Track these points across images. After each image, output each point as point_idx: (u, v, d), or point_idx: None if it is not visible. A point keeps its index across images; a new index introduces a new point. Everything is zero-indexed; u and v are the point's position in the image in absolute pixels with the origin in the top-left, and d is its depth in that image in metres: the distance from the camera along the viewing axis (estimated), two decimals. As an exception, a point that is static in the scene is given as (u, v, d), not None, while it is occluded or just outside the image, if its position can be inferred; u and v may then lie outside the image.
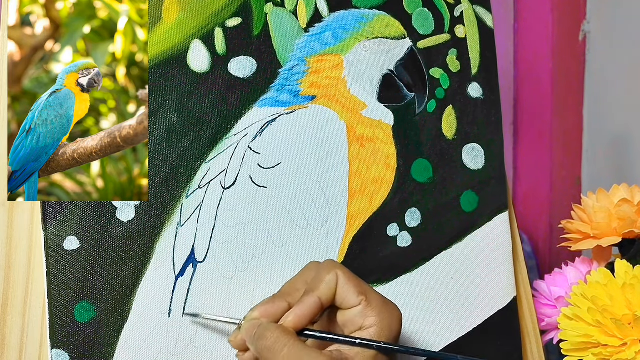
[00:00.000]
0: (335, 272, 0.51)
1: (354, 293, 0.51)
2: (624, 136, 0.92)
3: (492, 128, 0.65)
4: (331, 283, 0.51)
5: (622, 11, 0.91)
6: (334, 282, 0.51)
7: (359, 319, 0.51)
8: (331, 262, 0.53)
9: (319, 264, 0.53)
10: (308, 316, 0.50)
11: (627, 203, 0.64)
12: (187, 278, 0.55)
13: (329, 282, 0.51)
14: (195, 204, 0.56)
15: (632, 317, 0.56)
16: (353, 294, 0.51)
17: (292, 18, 0.60)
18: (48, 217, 0.52)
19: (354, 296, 0.51)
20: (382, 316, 0.51)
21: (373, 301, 0.51)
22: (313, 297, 0.51)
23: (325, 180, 0.59)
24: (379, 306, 0.51)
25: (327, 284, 0.51)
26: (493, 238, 0.65)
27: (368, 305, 0.51)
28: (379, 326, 0.50)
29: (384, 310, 0.51)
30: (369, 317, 0.50)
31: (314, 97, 0.60)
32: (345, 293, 0.51)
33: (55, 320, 0.52)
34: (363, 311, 0.51)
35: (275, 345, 0.49)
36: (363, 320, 0.51)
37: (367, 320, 0.50)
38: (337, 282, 0.51)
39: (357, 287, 0.51)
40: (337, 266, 0.52)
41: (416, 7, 0.63)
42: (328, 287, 0.51)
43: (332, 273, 0.51)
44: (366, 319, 0.51)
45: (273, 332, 0.49)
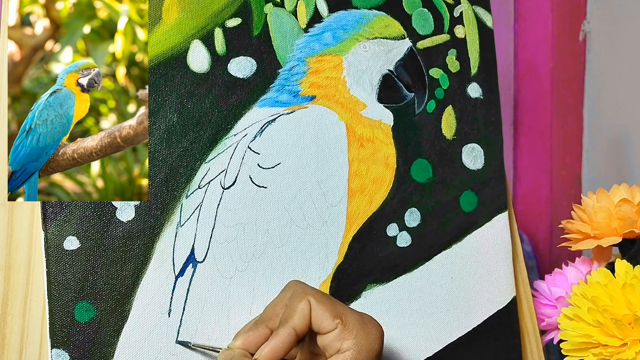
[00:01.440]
0: (307, 300, 0.51)
1: (329, 317, 0.50)
2: (624, 136, 0.92)
3: (492, 128, 0.65)
4: (304, 311, 0.50)
5: (622, 11, 0.91)
6: (307, 310, 0.50)
7: (336, 342, 0.50)
8: (302, 288, 0.52)
9: (296, 286, 0.53)
10: (283, 349, 0.50)
11: (627, 203, 0.64)
12: (187, 278, 0.55)
13: (302, 310, 0.50)
14: (195, 204, 0.56)
15: (632, 317, 0.56)
16: (328, 319, 0.50)
17: (291, 18, 0.60)
18: (48, 217, 0.52)
19: (329, 321, 0.50)
20: (358, 338, 0.50)
21: (349, 323, 0.51)
22: (287, 329, 0.50)
23: (325, 180, 0.59)
24: (356, 328, 0.51)
25: (300, 313, 0.50)
26: (493, 238, 0.65)
27: (345, 329, 0.50)
28: (355, 349, 0.50)
29: (361, 332, 0.51)
30: (346, 340, 0.50)
31: (314, 98, 0.60)
32: (320, 319, 0.51)
33: (55, 320, 0.52)
34: (340, 334, 0.50)
35: None
36: (340, 344, 0.50)
37: (344, 344, 0.50)
38: (309, 309, 0.51)
39: (331, 311, 0.51)
40: (309, 292, 0.51)
41: (416, 7, 0.63)
42: (301, 316, 0.50)
43: (304, 301, 0.51)
44: (343, 342, 0.50)
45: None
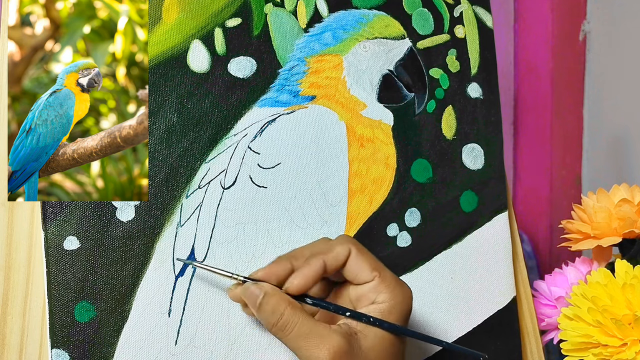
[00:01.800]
0: (348, 247, 0.52)
1: (368, 268, 0.51)
2: (624, 136, 0.92)
3: (492, 128, 0.65)
4: (339, 254, 0.51)
5: (622, 11, 0.91)
6: (343, 254, 0.51)
7: (371, 294, 0.51)
8: (345, 236, 0.53)
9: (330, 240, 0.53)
10: (314, 279, 0.50)
11: (627, 203, 0.64)
12: (187, 278, 0.55)
13: (338, 253, 0.51)
14: (195, 204, 0.56)
15: (632, 317, 0.56)
16: (366, 269, 0.51)
17: (291, 18, 0.60)
18: (48, 217, 0.52)
19: (367, 271, 0.51)
20: (394, 293, 0.51)
21: (386, 278, 0.51)
22: (319, 260, 0.51)
23: (325, 180, 0.59)
24: (392, 283, 0.51)
25: (336, 254, 0.51)
26: (493, 238, 0.65)
27: (381, 282, 0.51)
28: (391, 302, 0.51)
29: (397, 288, 0.51)
30: (382, 293, 0.51)
31: (314, 97, 0.60)
32: (358, 268, 0.51)
33: (55, 320, 0.52)
34: (376, 287, 0.51)
35: (286, 325, 0.49)
36: (376, 296, 0.51)
37: (380, 296, 0.51)
38: (348, 255, 0.51)
39: (370, 263, 0.51)
40: (351, 241, 0.52)
41: (416, 7, 0.63)
42: (335, 256, 0.51)
43: (345, 246, 0.52)
44: (379, 294, 0.51)
45: (283, 311, 0.49)
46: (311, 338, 0.49)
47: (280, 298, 0.50)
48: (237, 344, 0.56)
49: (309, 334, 0.49)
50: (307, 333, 0.49)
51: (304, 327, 0.49)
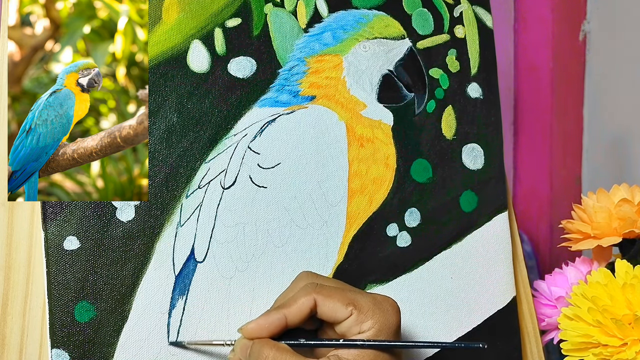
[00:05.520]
0: (312, 297, 0.51)
1: (341, 307, 0.51)
2: (624, 136, 0.92)
3: (492, 128, 0.65)
4: (303, 307, 0.51)
5: (622, 11, 0.91)
6: (306, 306, 0.51)
7: (355, 327, 0.51)
8: (311, 285, 0.52)
9: (307, 278, 0.53)
10: (267, 329, 0.51)
11: (627, 203, 0.64)
12: (187, 278, 0.55)
13: (302, 304, 0.51)
14: (195, 204, 0.56)
15: (632, 317, 0.56)
16: (340, 308, 0.51)
17: (291, 18, 0.60)
18: (48, 217, 0.52)
19: (342, 310, 0.51)
20: (376, 317, 0.51)
21: (364, 307, 0.51)
22: (279, 314, 0.51)
23: (325, 180, 0.59)
24: (371, 309, 0.51)
25: (299, 307, 0.51)
26: (492, 238, 0.65)
27: (360, 313, 0.51)
28: (376, 327, 0.51)
29: (377, 311, 0.51)
30: (364, 322, 0.51)
31: (314, 98, 0.60)
32: (332, 310, 0.51)
33: (55, 320, 0.52)
34: (356, 319, 0.51)
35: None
36: (359, 327, 0.51)
37: (363, 326, 0.51)
38: (312, 306, 0.51)
39: (342, 300, 0.51)
40: (315, 289, 0.52)
41: (415, 7, 0.63)
42: (299, 309, 0.51)
43: (309, 297, 0.51)
44: (362, 324, 0.51)
45: (269, 352, 0.50)
46: None
47: (267, 342, 0.50)
48: (237, 344, 0.56)
49: None
50: None
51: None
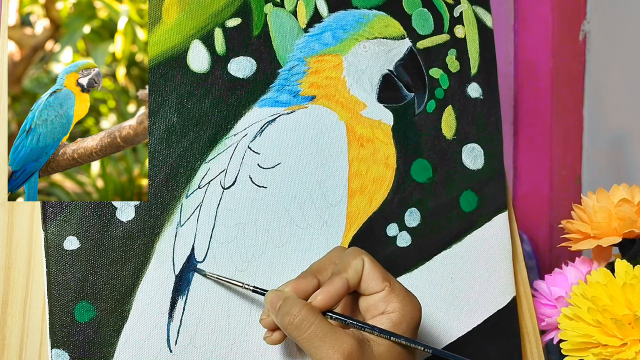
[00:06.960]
0: (362, 258, 0.53)
1: (379, 279, 0.52)
2: (624, 136, 0.92)
3: (492, 128, 0.65)
4: (358, 267, 0.52)
5: (622, 11, 0.91)
6: (360, 267, 0.52)
7: (381, 304, 0.52)
8: (357, 249, 0.54)
9: (344, 249, 0.55)
10: (336, 296, 0.52)
11: (627, 203, 0.64)
12: (187, 278, 0.55)
13: (356, 266, 0.52)
14: (195, 204, 0.56)
15: (632, 317, 0.56)
16: (378, 280, 0.52)
17: (291, 18, 0.60)
18: (48, 217, 0.52)
19: (378, 282, 0.52)
20: (404, 303, 0.52)
21: (396, 288, 0.52)
22: (342, 279, 0.52)
23: (325, 180, 0.59)
24: (402, 294, 0.52)
25: (354, 268, 0.52)
26: (492, 238, 0.65)
27: (392, 292, 0.52)
28: (401, 312, 0.52)
29: (407, 298, 0.52)
30: (392, 302, 0.52)
31: (314, 97, 0.60)
32: (370, 279, 0.52)
33: (55, 320, 0.52)
34: (386, 297, 0.52)
35: (302, 323, 0.50)
36: (386, 306, 0.52)
37: (390, 306, 0.52)
38: (363, 267, 0.52)
39: (381, 273, 0.52)
40: (363, 252, 0.53)
41: (415, 7, 0.63)
42: (355, 271, 0.52)
43: (359, 259, 0.53)
44: (389, 304, 0.52)
45: (300, 310, 0.50)
46: (326, 339, 0.50)
47: (298, 300, 0.51)
48: (237, 345, 0.56)
49: (324, 335, 0.50)
50: (323, 334, 0.50)
51: (320, 328, 0.50)
